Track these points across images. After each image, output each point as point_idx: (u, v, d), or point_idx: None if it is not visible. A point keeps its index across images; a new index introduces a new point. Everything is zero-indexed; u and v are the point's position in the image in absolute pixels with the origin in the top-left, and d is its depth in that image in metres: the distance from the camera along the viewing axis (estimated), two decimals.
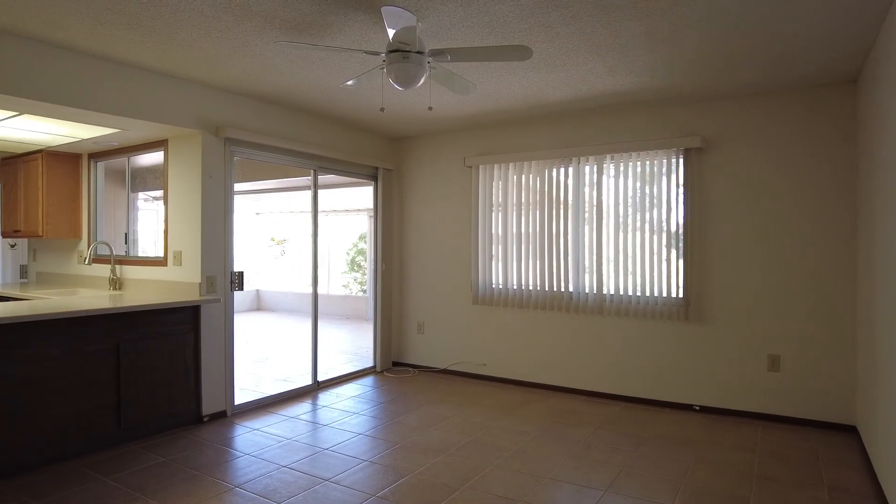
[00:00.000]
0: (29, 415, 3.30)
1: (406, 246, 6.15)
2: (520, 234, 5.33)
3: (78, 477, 3.24)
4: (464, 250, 5.69)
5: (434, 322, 5.92)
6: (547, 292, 5.17)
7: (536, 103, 4.68)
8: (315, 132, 5.19)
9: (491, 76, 3.96)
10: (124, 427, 3.76)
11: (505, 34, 3.17)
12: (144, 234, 5.31)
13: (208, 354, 4.30)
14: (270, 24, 3.02)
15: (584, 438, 3.94)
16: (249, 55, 3.53)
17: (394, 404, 4.75)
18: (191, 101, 4.15)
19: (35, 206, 5.10)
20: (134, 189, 5.20)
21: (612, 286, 4.89)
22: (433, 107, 4.72)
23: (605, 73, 3.89)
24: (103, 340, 3.66)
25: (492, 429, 4.12)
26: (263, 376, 5.74)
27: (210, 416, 4.30)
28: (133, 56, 3.57)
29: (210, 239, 4.29)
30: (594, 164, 4.97)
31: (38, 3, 2.79)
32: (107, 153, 5.05)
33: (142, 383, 3.86)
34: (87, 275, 5.19)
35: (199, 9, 2.84)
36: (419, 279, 6.04)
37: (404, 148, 6.16)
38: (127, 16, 2.94)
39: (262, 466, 3.41)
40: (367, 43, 3.27)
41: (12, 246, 6.24)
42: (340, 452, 3.65)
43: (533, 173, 5.26)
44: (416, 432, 4.03)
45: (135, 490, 3.06)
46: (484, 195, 5.52)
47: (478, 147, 5.61)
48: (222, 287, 4.39)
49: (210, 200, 4.29)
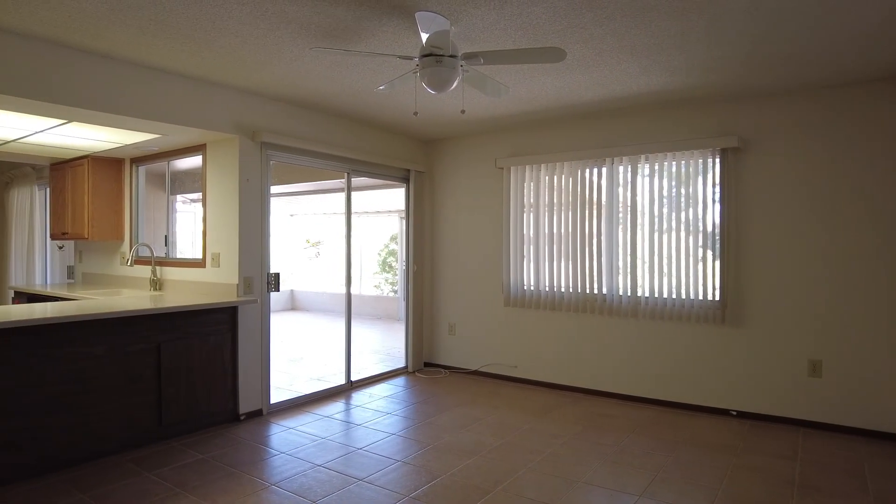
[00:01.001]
0: (77, 411, 3.43)
1: (437, 247, 6.17)
2: (552, 235, 5.30)
3: (122, 471, 3.35)
4: (495, 252, 5.69)
5: (465, 323, 5.93)
6: (580, 294, 5.12)
7: (569, 104, 4.65)
8: (348, 135, 5.26)
9: (523, 77, 3.95)
10: (165, 424, 3.87)
11: (538, 36, 3.16)
12: (182, 235, 5.45)
13: (245, 354, 4.40)
14: (306, 30, 3.08)
15: (617, 442, 3.89)
16: (285, 61, 3.60)
17: (426, 405, 4.77)
18: (228, 106, 4.25)
19: (81, 209, 5.29)
20: (173, 192, 5.35)
21: (646, 288, 4.83)
22: (465, 109, 4.73)
23: (639, 73, 3.84)
24: (145, 340, 3.78)
25: (524, 431, 4.11)
26: (298, 375, 5.84)
27: (246, 414, 4.39)
28: (173, 63, 3.68)
29: (247, 241, 4.39)
30: (628, 165, 4.91)
31: (84, 15, 2.90)
32: (148, 157, 5.20)
33: (182, 382, 3.97)
34: (129, 276, 5.36)
35: (237, 17, 2.91)
36: (450, 280, 6.06)
37: (436, 150, 6.19)
38: (168, 25, 3.03)
39: (298, 465, 3.47)
40: (401, 48, 3.30)
41: (60, 248, 6.49)
42: (374, 452, 3.69)
43: (565, 174, 5.22)
44: (449, 433, 4.05)
45: (176, 486, 3.15)
46: (515, 196, 5.51)
47: (509, 148, 5.60)
48: (259, 288, 4.48)
49: (247, 203, 4.39)
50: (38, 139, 4.48)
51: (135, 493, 3.06)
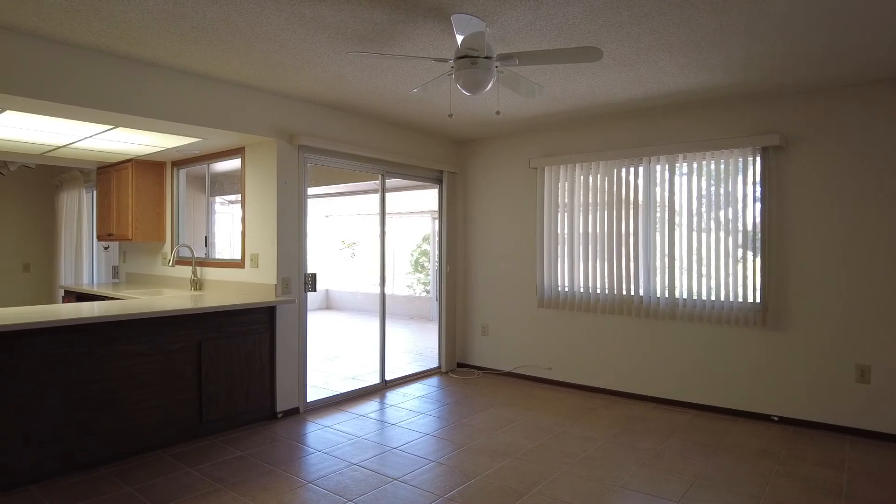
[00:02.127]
0: (122, 407, 3.55)
1: (470, 248, 6.17)
2: (587, 235, 5.24)
3: (165, 466, 3.45)
4: (528, 252, 5.66)
5: (498, 324, 5.92)
6: (616, 296, 5.06)
7: (604, 103, 4.59)
8: (383, 138, 5.30)
9: (558, 77, 3.92)
10: (205, 421, 3.97)
11: (573, 36, 3.13)
12: (221, 236, 5.58)
13: (283, 353, 4.48)
14: (342, 34, 3.12)
15: (654, 446, 3.83)
16: (322, 65, 3.65)
17: (459, 406, 4.78)
18: (266, 110, 4.33)
19: (125, 211, 5.47)
20: (213, 194, 5.48)
21: (684, 290, 4.73)
22: (499, 110, 4.72)
23: (678, 71, 3.77)
24: (186, 339, 3.88)
25: (559, 434, 4.08)
26: (333, 374, 5.91)
27: (284, 412, 4.47)
28: (213, 69, 3.77)
29: (285, 242, 4.47)
30: (665, 164, 4.83)
31: (130, 25, 2.99)
32: (188, 160, 5.35)
33: (221, 380, 4.07)
34: (170, 276, 5.51)
35: (276, 22, 2.96)
36: (483, 281, 6.05)
37: (469, 151, 6.19)
38: (208, 32, 3.11)
39: (334, 463, 3.52)
40: (435, 50, 3.31)
41: (106, 248, 6.72)
42: (408, 452, 3.71)
43: (601, 174, 5.16)
44: (483, 435, 4.04)
45: (216, 481, 3.23)
46: (549, 197, 5.47)
47: (543, 148, 5.56)
48: (296, 288, 4.56)
49: (285, 205, 4.47)
50: (86, 144, 4.65)
51: (178, 488, 3.15)
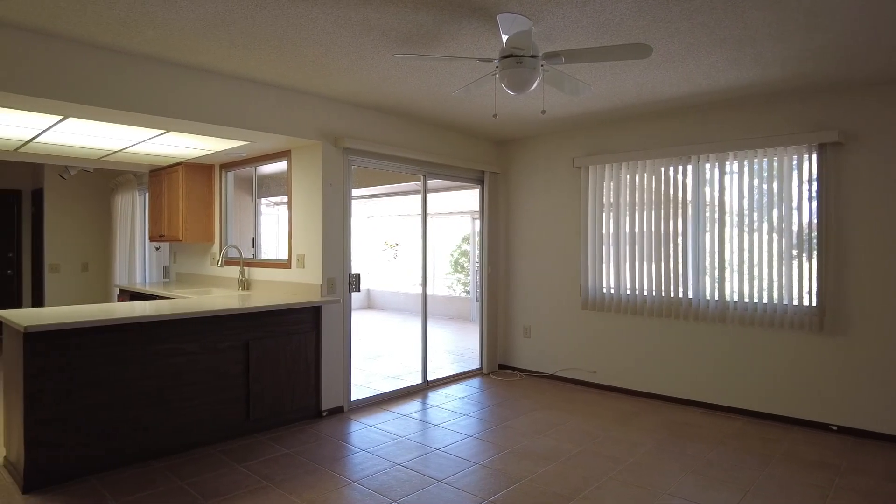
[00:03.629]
0: (173, 404, 3.66)
1: (512, 248, 6.13)
2: (633, 236, 5.13)
3: (214, 462, 3.54)
4: (572, 253, 5.57)
5: (541, 326, 5.85)
6: (663, 298, 4.93)
7: (651, 100, 4.49)
8: (425, 139, 5.31)
9: (604, 74, 3.85)
10: (252, 419, 4.06)
11: (621, 32, 3.06)
12: (268, 237, 5.69)
13: (327, 352, 4.54)
14: (387, 37, 3.13)
15: (703, 453, 3.71)
16: (367, 67, 3.68)
17: (501, 408, 4.75)
18: (312, 113, 4.40)
19: (176, 212, 5.64)
20: (259, 195, 5.60)
21: (735, 292, 4.58)
22: (544, 109, 4.67)
23: (729, 67, 3.65)
24: (234, 338, 3.97)
25: (604, 439, 4.00)
26: (375, 373, 5.96)
27: (328, 411, 4.53)
28: (261, 74, 3.85)
29: (330, 243, 4.52)
30: (715, 162, 4.68)
31: (182, 32, 3.08)
32: (236, 163, 5.48)
33: (268, 378, 4.15)
34: (219, 276, 5.66)
35: (322, 26, 3.00)
36: (525, 282, 5.99)
37: (511, 150, 6.14)
38: (256, 37, 3.17)
39: (378, 463, 3.54)
40: (479, 50, 3.29)
41: (157, 249, 6.95)
42: (451, 453, 3.71)
43: (647, 173, 5.04)
44: (526, 438, 4.00)
45: (263, 478, 3.29)
46: (594, 196, 5.37)
47: (587, 147, 5.47)
48: (341, 288, 4.61)
49: (330, 207, 4.53)
50: (140, 149, 4.82)
51: (227, 483, 3.22)
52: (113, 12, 2.82)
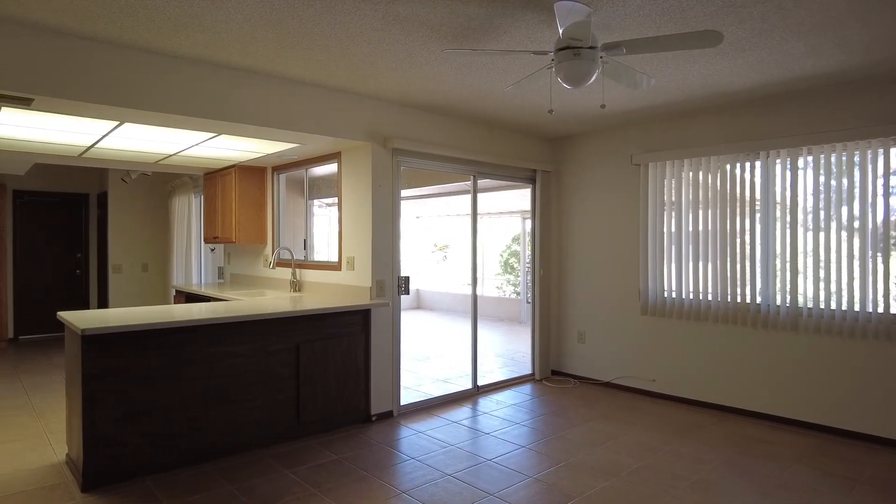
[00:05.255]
0: (226, 406, 3.66)
1: (565, 250, 5.92)
2: (696, 238, 4.85)
3: (264, 467, 3.51)
4: (630, 256, 5.32)
5: (596, 331, 5.62)
6: (729, 303, 4.63)
7: (717, 92, 4.21)
8: (475, 138, 5.18)
9: (666, 66, 3.62)
10: (302, 422, 4.03)
11: (686, 20, 2.85)
12: (319, 239, 5.69)
13: (377, 356, 4.47)
14: (437, 32, 3.02)
15: (776, 474, 3.43)
16: (416, 65, 3.58)
17: (555, 417, 4.56)
18: (361, 114, 4.34)
19: (229, 214, 5.71)
20: (311, 197, 5.60)
21: (810, 298, 4.24)
22: (602, 103, 4.46)
23: (806, 54, 3.36)
24: (285, 340, 3.95)
25: (665, 453, 3.77)
26: (424, 376, 5.88)
27: (378, 415, 4.46)
28: (310, 74, 3.81)
29: (379, 245, 4.46)
30: (787, 158, 4.35)
31: (231, 34, 3.06)
32: (287, 166, 5.49)
33: (318, 381, 4.11)
34: (271, 277, 5.70)
35: (370, 23, 2.91)
36: (580, 285, 5.77)
37: (564, 148, 5.93)
38: (304, 37, 3.12)
39: (427, 473, 3.43)
40: (534, 43, 3.14)
41: (212, 250, 7.09)
42: (503, 465, 3.56)
43: (712, 169, 4.75)
44: (582, 450, 3.81)
45: (312, 486, 3.24)
46: (654, 195, 5.11)
47: (647, 143, 5.21)
48: (390, 291, 4.54)
49: (379, 209, 4.46)
50: (193, 152, 4.89)
51: (275, 490, 3.18)
52: (163, 16, 2.82)
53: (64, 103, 3.16)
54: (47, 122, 3.68)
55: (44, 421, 4.34)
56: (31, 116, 3.53)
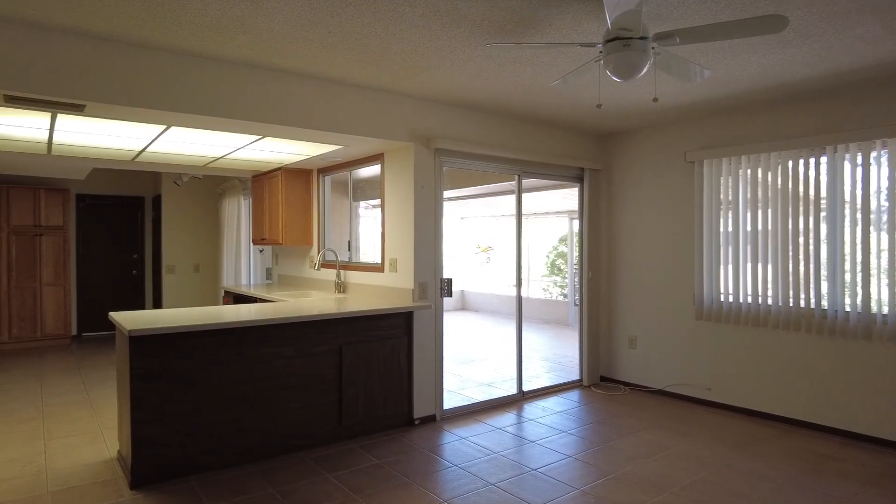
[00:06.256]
0: (270, 408, 3.67)
1: (615, 251, 5.71)
2: (755, 239, 4.57)
3: (306, 469, 3.50)
4: (684, 257, 5.08)
5: (648, 336, 5.39)
6: (792, 309, 4.34)
7: (778, 83, 3.95)
8: (519, 136, 5.06)
9: (723, 56, 3.41)
10: (344, 425, 4.00)
11: (744, 5, 2.65)
12: (366, 240, 5.68)
13: (419, 359, 4.41)
14: (478, 27, 2.92)
15: (849, 496, 3.17)
16: (458, 62, 3.49)
17: (604, 425, 4.39)
18: (403, 114, 4.29)
19: (276, 216, 5.78)
20: (355, 199, 5.60)
21: (884, 303, 3.93)
22: (652, 97, 4.26)
23: (882, 37, 3.09)
24: (328, 342, 3.94)
25: (722, 468, 3.55)
26: (469, 379, 5.78)
27: (420, 419, 4.40)
28: (351, 75, 3.77)
29: (422, 247, 4.40)
30: (857, 153, 4.05)
31: (272, 36, 3.05)
32: (333, 167, 5.50)
33: (360, 384, 4.08)
34: (316, 278, 5.72)
35: (410, 20, 2.84)
36: (631, 288, 5.55)
37: (613, 145, 5.73)
38: (344, 36, 3.07)
39: (470, 481, 3.34)
40: (580, 35, 3.00)
41: (261, 251, 7.21)
42: (549, 476, 3.43)
43: (772, 167, 4.47)
44: (632, 462, 3.64)
45: (353, 491, 3.20)
46: (709, 194, 4.86)
47: (701, 139, 4.96)
48: (433, 293, 4.47)
49: (422, 210, 4.40)
50: (239, 155, 4.95)
51: (316, 494, 3.15)
52: (206, 19, 2.83)
53: (113, 108, 3.22)
54: (100, 127, 3.77)
55: (100, 417, 4.47)
56: (86, 122, 3.63)
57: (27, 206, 7.27)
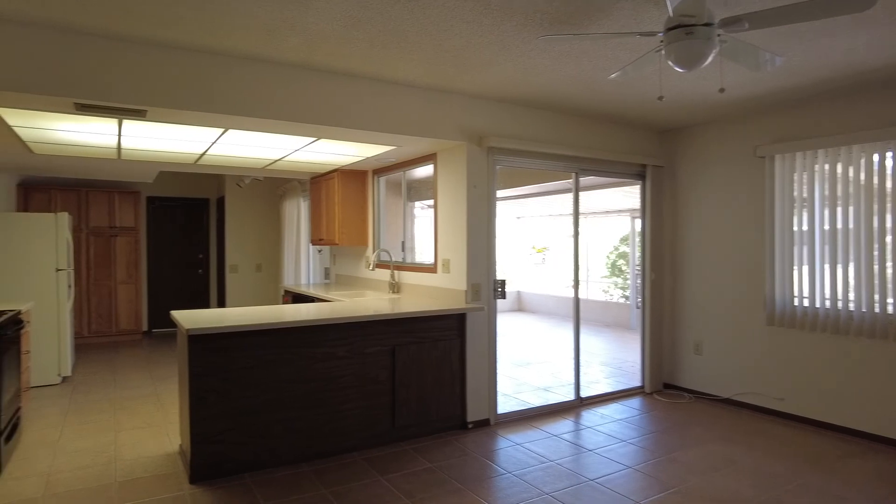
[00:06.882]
0: (324, 408, 3.69)
1: (680, 251, 5.44)
2: (834, 239, 4.24)
3: (358, 471, 3.49)
4: (754, 259, 4.77)
5: (715, 342, 5.11)
6: (877, 314, 4.00)
7: (861, 70, 3.63)
8: (576, 132, 4.89)
9: (798, 41, 3.15)
10: (397, 426, 3.98)
11: None
12: (422, 240, 5.66)
13: (473, 361, 4.34)
14: (531, 19, 2.82)
15: None
16: (510, 57, 3.40)
17: (667, 435, 4.18)
18: (455, 113, 4.22)
19: (333, 217, 5.84)
20: (409, 199, 5.59)
21: None
22: (719, 88, 4.02)
23: None
24: (381, 343, 3.92)
25: (797, 487, 3.29)
26: (524, 383, 5.66)
27: (474, 423, 4.32)
28: (403, 74, 3.74)
29: (475, 248, 4.32)
30: None
31: (323, 36, 3.05)
32: (387, 168, 5.51)
33: (413, 385, 4.05)
34: (372, 278, 5.75)
35: (461, 15, 2.77)
36: (696, 290, 5.28)
37: (676, 141, 5.46)
38: (395, 34, 3.04)
39: (525, 490, 3.23)
40: (640, 23, 2.84)
41: (319, 251, 7.33)
42: (608, 487, 3.28)
43: (854, 161, 4.13)
44: (697, 476, 3.43)
45: (404, 494, 3.16)
46: (782, 191, 4.55)
47: (773, 133, 4.65)
48: (486, 295, 4.39)
49: (474, 210, 4.33)
50: (296, 157, 5.02)
51: (368, 496, 3.13)
52: (257, 22, 2.86)
53: (172, 113, 3.32)
54: (163, 131, 3.91)
55: (165, 411, 4.64)
56: (149, 127, 3.76)
57: (103, 209, 7.69)
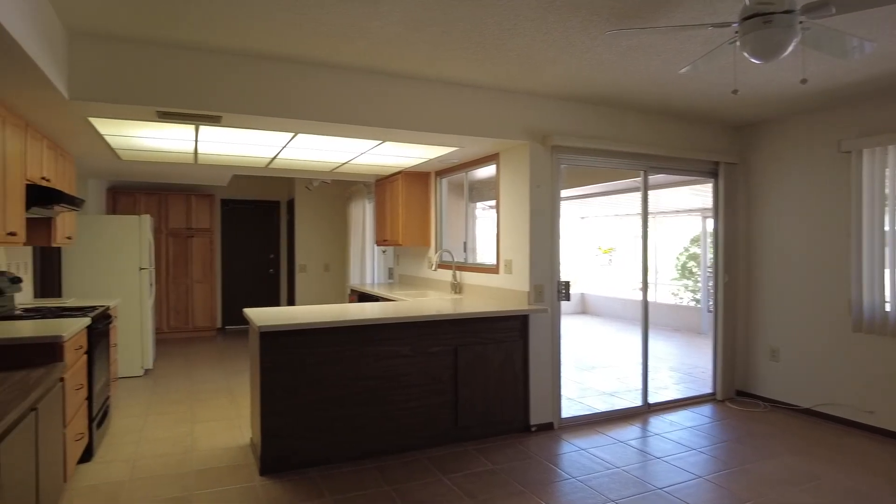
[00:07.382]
0: (387, 405, 3.75)
1: (755, 252, 5.17)
2: None
3: (421, 469, 3.52)
4: (838, 260, 4.47)
5: (793, 348, 4.82)
6: None
7: None
8: (644, 129, 4.74)
9: (890, 25, 2.93)
10: (460, 426, 3.98)
11: None
12: (484, 241, 5.65)
13: (535, 364, 4.28)
14: (596, 14, 2.75)
15: None
16: (575, 54, 3.33)
17: (740, 445, 3.97)
18: (518, 112, 4.19)
19: (396, 218, 5.93)
20: (471, 200, 5.59)
21: None
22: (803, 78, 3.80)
23: None
24: (444, 342, 3.94)
25: None
26: (589, 387, 5.54)
27: (537, 426, 4.27)
28: (465, 74, 3.74)
29: (538, 248, 4.27)
30: None
31: (382, 41, 3.10)
32: (449, 170, 5.54)
33: (476, 386, 4.04)
34: (434, 278, 5.79)
35: (523, 13, 2.75)
36: (773, 294, 5.00)
37: (751, 136, 5.19)
38: (457, 35, 3.04)
39: (589, 496, 3.16)
40: (712, 14, 2.72)
41: (384, 252, 7.45)
42: (675, 496, 3.15)
43: None
44: (774, 490, 3.24)
45: (466, 494, 3.16)
46: (870, 188, 4.23)
47: (860, 126, 4.34)
48: (549, 296, 4.32)
49: (538, 210, 4.27)
50: (362, 160, 5.13)
51: (429, 495, 3.15)
52: (325, 27, 2.93)
53: (244, 118, 3.46)
54: (236, 137, 4.08)
55: (237, 405, 4.84)
56: (224, 133, 3.94)
57: (181, 211, 8.14)
